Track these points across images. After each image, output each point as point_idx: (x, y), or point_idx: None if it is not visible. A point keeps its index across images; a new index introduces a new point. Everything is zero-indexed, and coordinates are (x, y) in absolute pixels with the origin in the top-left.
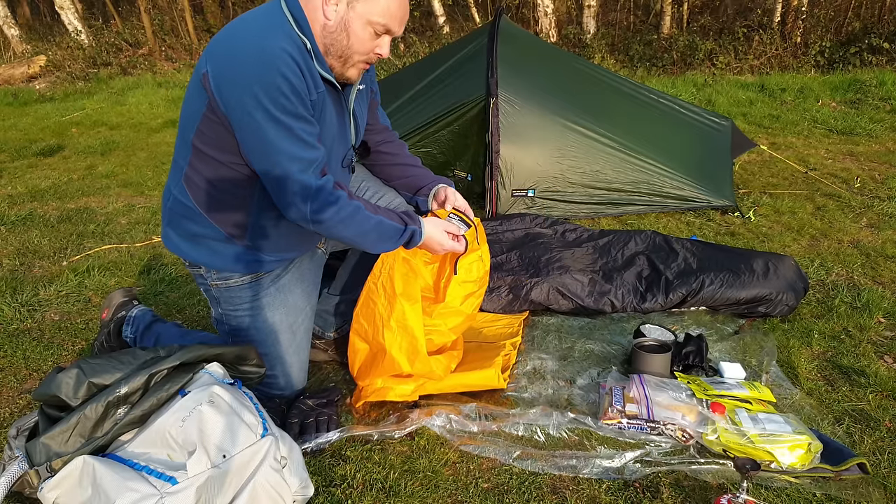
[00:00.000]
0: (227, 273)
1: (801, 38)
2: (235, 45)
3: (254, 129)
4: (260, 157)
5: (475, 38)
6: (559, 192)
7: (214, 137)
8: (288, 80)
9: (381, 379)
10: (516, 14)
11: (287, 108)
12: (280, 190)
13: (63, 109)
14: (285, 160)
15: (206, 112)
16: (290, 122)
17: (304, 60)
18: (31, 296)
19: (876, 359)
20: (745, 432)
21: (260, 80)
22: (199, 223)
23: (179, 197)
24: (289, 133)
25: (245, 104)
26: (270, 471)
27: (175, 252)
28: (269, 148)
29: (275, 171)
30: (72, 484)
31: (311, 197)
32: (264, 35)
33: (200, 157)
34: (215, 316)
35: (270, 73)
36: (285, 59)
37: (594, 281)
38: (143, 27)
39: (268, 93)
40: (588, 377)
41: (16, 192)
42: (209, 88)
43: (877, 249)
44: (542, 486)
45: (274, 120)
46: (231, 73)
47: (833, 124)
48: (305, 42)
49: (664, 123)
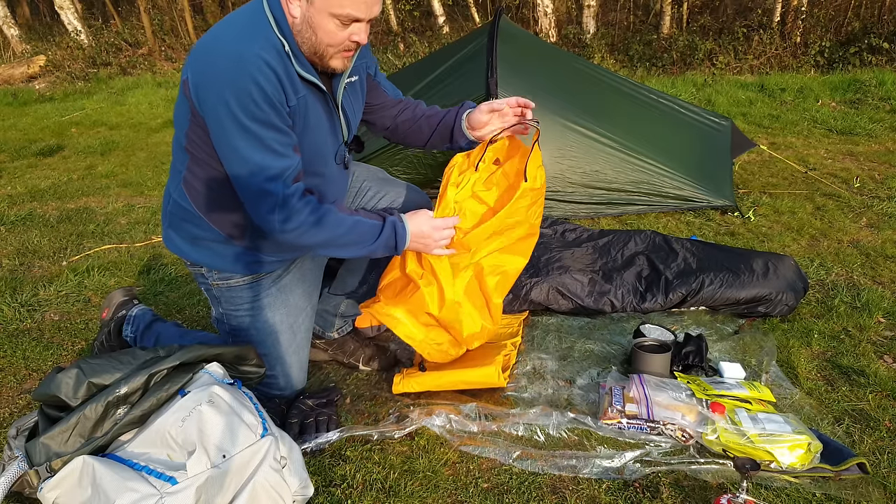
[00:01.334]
0: (228, 273)
1: (801, 37)
2: (213, 50)
3: (224, 135)
4: (230, 164)
5: (475, 38)
6: (559, 192)
7: (203, 143)
8: (261, 88)
9: (400, 309)
10: (516, 14)
11: (257, 115)
12: (248, 199)
13: (63, 109)
14: (253, 168)
15: (190, 118)
16: (260, 130)
17: (283, 65)
18: (30, 296)
19: (876, 359)
20: (745, 432)
21: (232, 85)
22: (199, 226)
23: (179, 200)
24: (258, 142)
25: (217, 110)
26: (270, 471)
27: (177, 253)
28: (237, 155)
29: (242, 179)
30: (71, 484)
31: (278, 206)
32: (242, 39)
33: (196, 162)
34: (216, 315)
35: (243, 79)
36: (260, 66)
37: (594, 281)
38: (142, 27)
39: (239, 99)
40: (588, 377)
41: (15, 192)
42: (189, 94)
43: (876, 249)
44: (542, 486)
45: (243, 128)
46: (206, 79)
47: (833, 124)
48: (285, 44)
49: (664, 123)
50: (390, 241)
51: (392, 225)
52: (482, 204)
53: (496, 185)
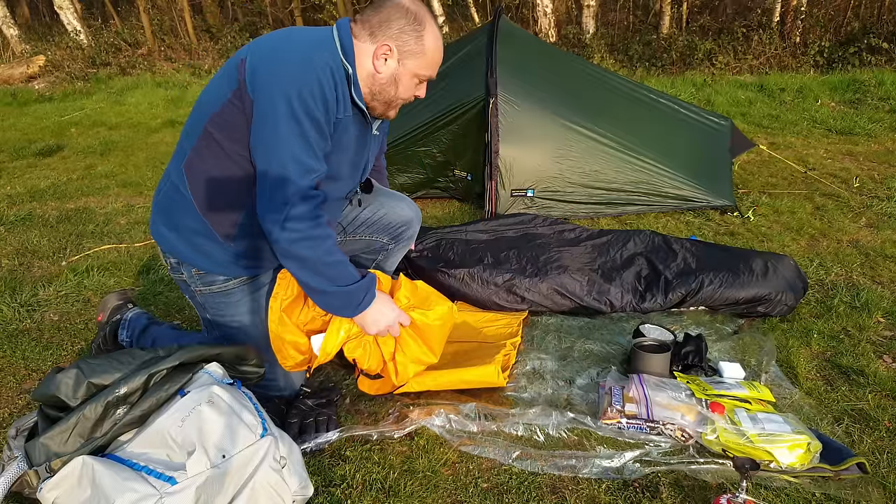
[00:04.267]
0: (211, 276)
1: (801, 38)
2: (282, 47)
3: (271, 118)
4: (265, 149)
5: (474, 38)
6: (558, 192)
7: (230, 124)
8: (322, 88)
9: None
10: (516, 14)
11: (310, 110)
12: (267, 184)
13: (62, 109)
14: (287, 157)
15: (231, 97)
16: (307, 124)
17: (342, 83)
18: (30, 296)
19: (875, 358)
20: (745, 432)
21: (298, 78)
22: (190, 215)
23: (177, 182)
24: (301, 133)
25: (273, 93)
26: (270, 471)
27: (160, 243)
28: (278, 140)
29: (272, 164)
30: (71, 484)
31: (293, 201)
32: (312, 48)
33: (208, 143)
34: (204, 325)
35: (308, 76)
36: (326, 71)
37: (593, 281)
38: (142, 27)
39: (299, 91)
40: (587, 377)
41: (15, 192)
42: (243, 72)
43: (876, 249)
44: (542, 485)
45: (293, 116)
46: (271, 65)
47: (832, 124)
48: (348, 68)
49: (663, 123)
50: (359, 294)
51: (370, 282)
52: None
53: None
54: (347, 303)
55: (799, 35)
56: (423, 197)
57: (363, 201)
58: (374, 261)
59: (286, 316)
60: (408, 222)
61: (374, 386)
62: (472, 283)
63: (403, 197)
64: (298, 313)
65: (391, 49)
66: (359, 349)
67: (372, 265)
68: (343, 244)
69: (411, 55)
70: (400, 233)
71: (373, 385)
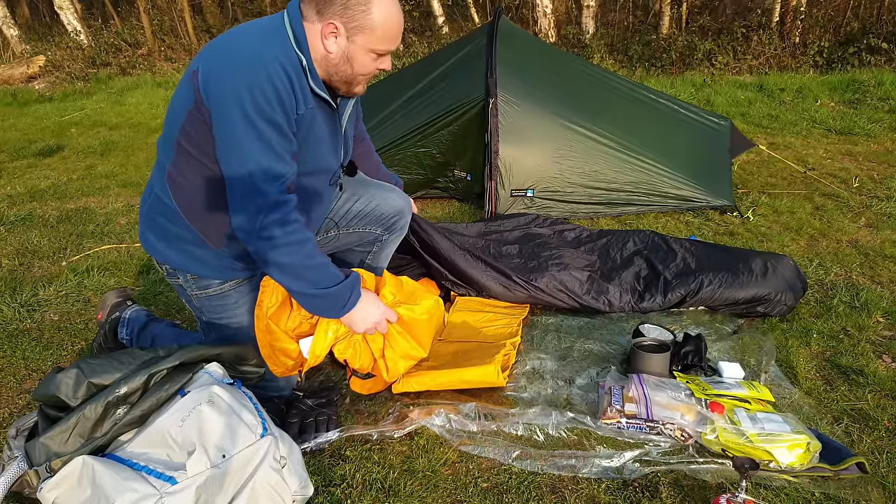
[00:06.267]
0: (205, 281)
1: (800, 38)
2: (231, 47)
3: (228, 125)
4: (227, 157)
5: (474, 39)
6: (558, 192)
7: (198, 137)
8: (275, 87)
9: (401, 361)
10: (515, 14)
11: (265, 113)
12: (237, 195)
13: (62, 109)
14: (251, 165)
15: (192, 109)
16: (265, 128)
17: (297, 76)
18: (30, 296)
19: (874, 358)
20: (744, 432)
21: (248, 80)
22: (177, 224)
23: (161, 195)
24: (260, 138)
25: (226, 99)
26: (270, 471)
27: (152, 254)
28: (237, 148)
29: (238, 174)
30: (71, 484)
31: (265, 209)
32: (262, 43)
33: (185, 158)
34: (200, 327)
35: (259, 76)
36: (276, 68)
37: (592, 279)
38: (142, 27)
39: (251, 93)
40: (587, 377)
41: (15, 192)
42: (197, 83)
43: (875, 249)
44: (542, 485)
45: (249, 121)
46: (221, 70)
47: (832, 124)
48: (302, 59)
49: (663, 123)
50: (344, 294)
51: (354, 281)
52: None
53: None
54: (333, 304)
55: (798, 35)
56: (423, 197)
57: (355, 194)
58: (368, 253)
59: (273, 324)
60: (400, 211)
61: (367, 386)
62: (476, 263)
63: (392, 187)
64: (286, 320)
65: (337, 27)
66: (349, 349)
67: (367, 257)
68: (337, 238)
69: (359, 31)
70: (393, 223)
71: (364, 385)
